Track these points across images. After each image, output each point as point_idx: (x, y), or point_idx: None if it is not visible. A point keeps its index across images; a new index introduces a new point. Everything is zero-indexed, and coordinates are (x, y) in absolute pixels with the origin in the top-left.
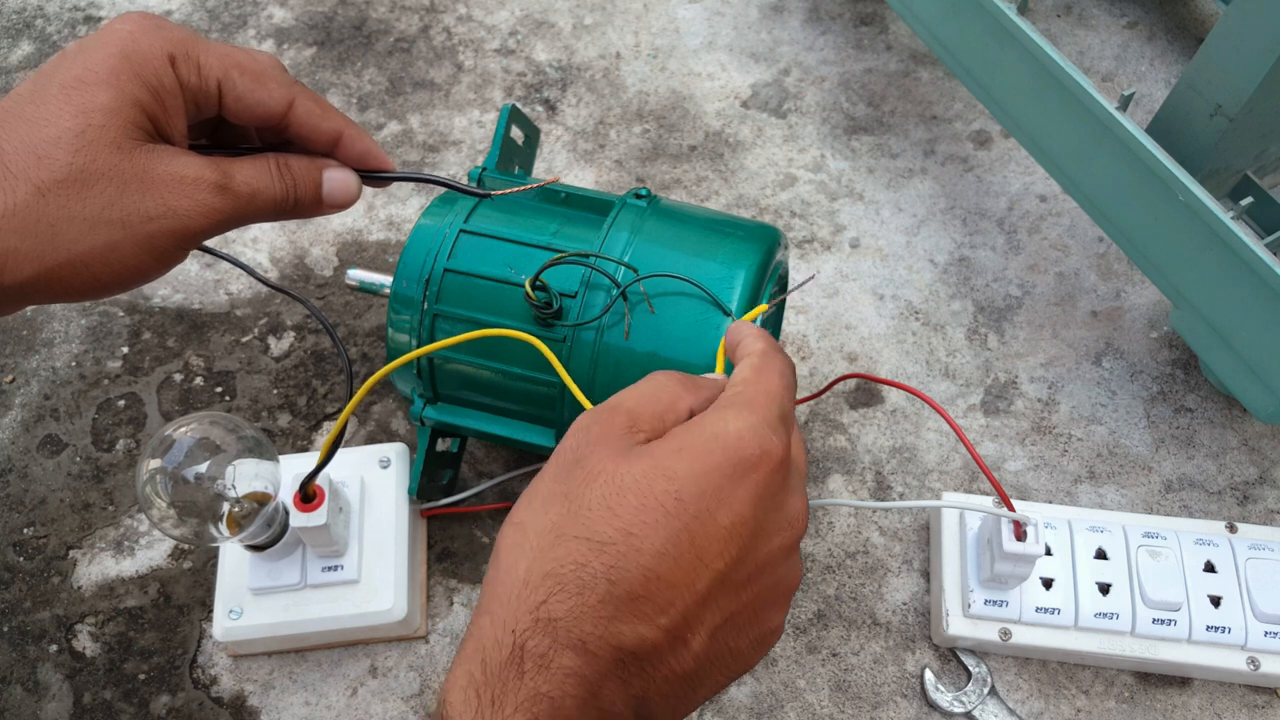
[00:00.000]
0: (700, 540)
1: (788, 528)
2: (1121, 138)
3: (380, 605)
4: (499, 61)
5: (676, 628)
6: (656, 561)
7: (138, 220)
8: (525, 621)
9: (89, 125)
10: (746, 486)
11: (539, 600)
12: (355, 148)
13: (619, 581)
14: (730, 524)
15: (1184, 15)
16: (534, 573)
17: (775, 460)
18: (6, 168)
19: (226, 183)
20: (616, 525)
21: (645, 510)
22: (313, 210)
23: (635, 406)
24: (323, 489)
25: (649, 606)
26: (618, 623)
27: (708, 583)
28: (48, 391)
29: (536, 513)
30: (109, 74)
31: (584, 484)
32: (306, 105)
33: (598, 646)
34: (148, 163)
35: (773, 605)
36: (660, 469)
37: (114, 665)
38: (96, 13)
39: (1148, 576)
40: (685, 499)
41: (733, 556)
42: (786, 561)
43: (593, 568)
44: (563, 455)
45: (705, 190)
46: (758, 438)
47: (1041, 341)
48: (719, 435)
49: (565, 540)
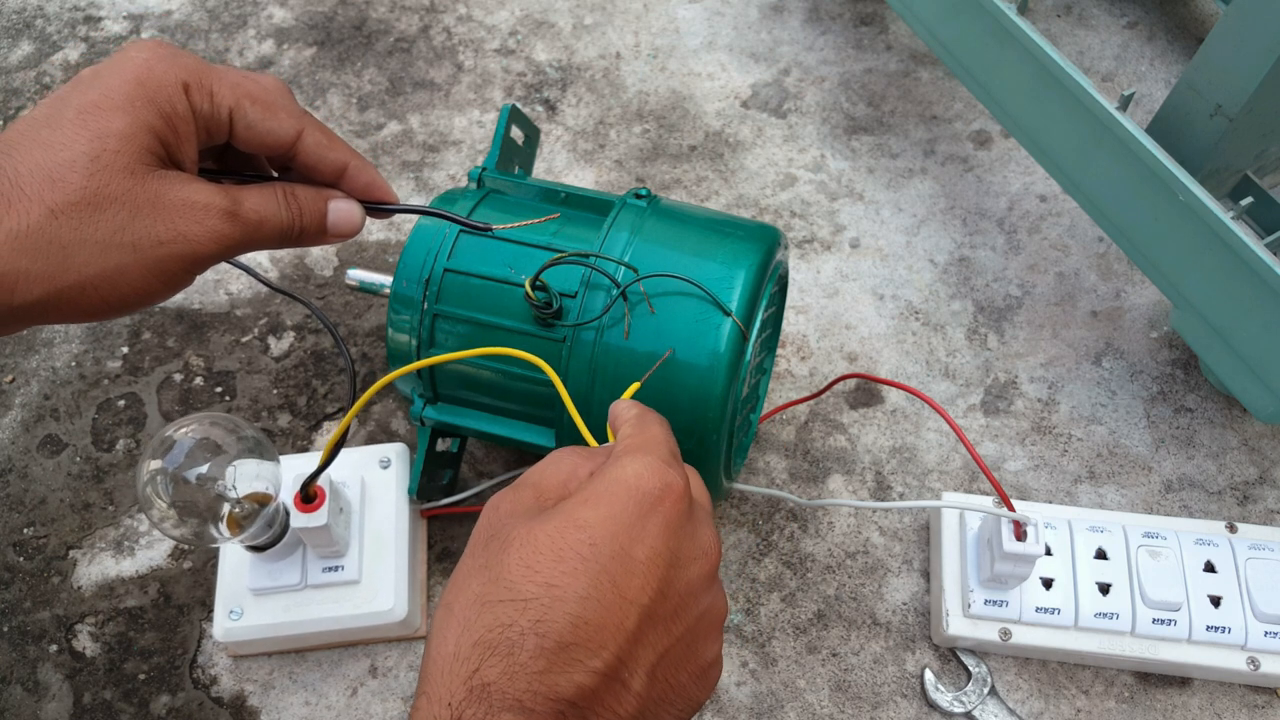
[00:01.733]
0: (620, 579)
1: (703, 556)
2: (1121, 138)
3: (381, 605)
4: (499, 61)
5: (612, 669)
6: (581, 607)
7: (148, 244)
8: (460, 693)
9: (103, 150)
10: (655, 520)
11: (471, 669)
12: (360, 179)
13: (547, 634)
14: (647, 558)
15: (1184, 15)
16: (463, 644)
17: (677, 491)
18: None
19: (235, 209)
20: (537, 581)
21: (562, 561)
22: (317, 239)
23: (539, 480)
24: (323, 489)
25: (580, 652)
26: (552, 675)
27: (635, 619)
28: (48, 391)
29: (459, 590)
30: (124, 100)
31: (500, 552)
32: (315, 136)
33: (534, 702)
34: (159, 188)
35: (705, 637)
36: (570, 521)
37: (114, 665)
38: (96, 13)
39: (1148, 576)
40: (599, 542)
41: (654, 589)
42: (709, 591)
43: (519, 625)
44: (478, 535)
45: (705, 190)
46: (655, 473)
47: (1041, 341)
48: (619, 479)
49: (490, 606)
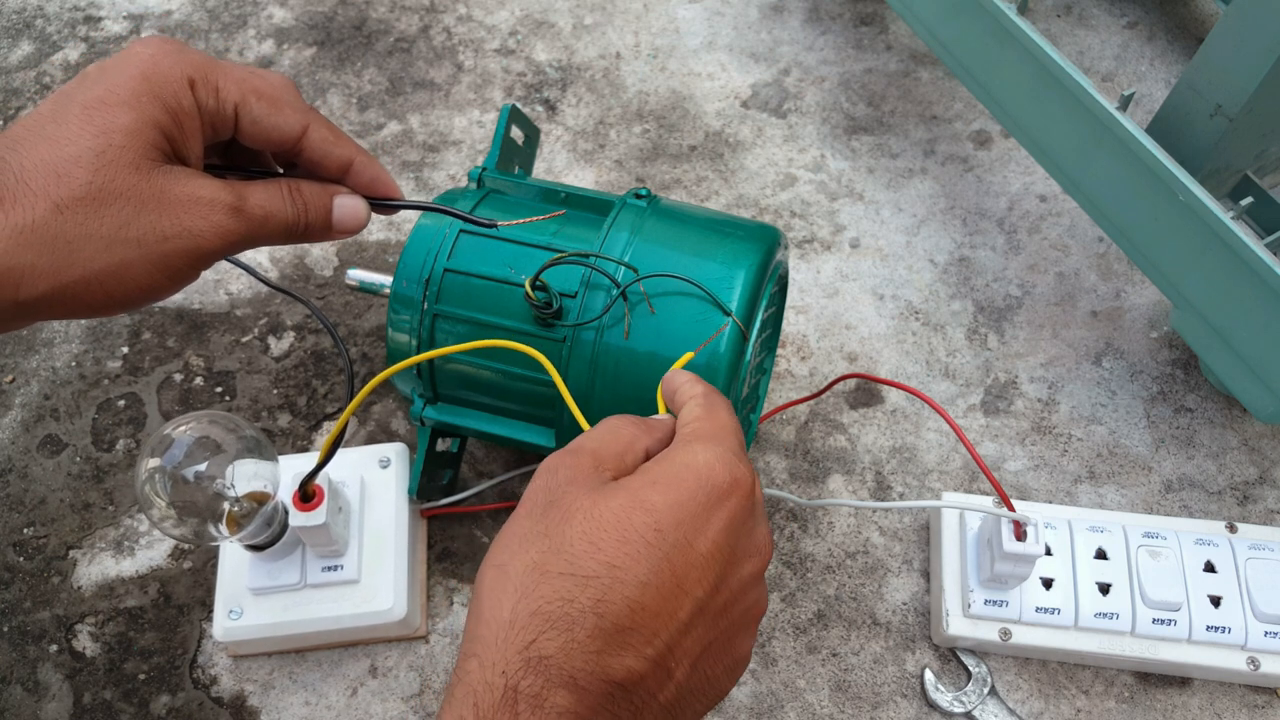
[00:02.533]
0: (680, 569)
1: (757, 554)
2: (1121, 138)
3: (380, 605)
4: (499, 61)
5: (661, 657)
6: (641, 592)
7: (153, 240)
8: (515, 662)
9: (109, 145)
10: (721, 514)
11: (528, 640)
12: (365, 175)
13: (606, 615)
14: (708, 551)
15: (1184, 15)
16: (520, 612)
17: (745, 487)
18: (26, 185)
19: (240, 205)
20: (599, 559)
21: (626, 543)
22: (322, 235)
23: (598, 448)
24: (322, 488)
25: (635, 638)
26: (606, 656)
27: (689, 611)
28: (48, 391)
29: (516, 553)
30: (130, 96)
31: (562, 521)
32: (320, 132)
33: (588, 681)
34: (165, 183)
35: (743, 631)
36: (637, 502)
37: (114, 665)
38: (96, 13)
39: (1148, 576)
40: (664, 529)
41: (710, 584)
42: (756, 588)
43: (579, 602)
44: (534, 496)
45: (705, 190)
46: (727, 467)
47: (1041, 341)
48: (690, 466)
49: (550, 577)
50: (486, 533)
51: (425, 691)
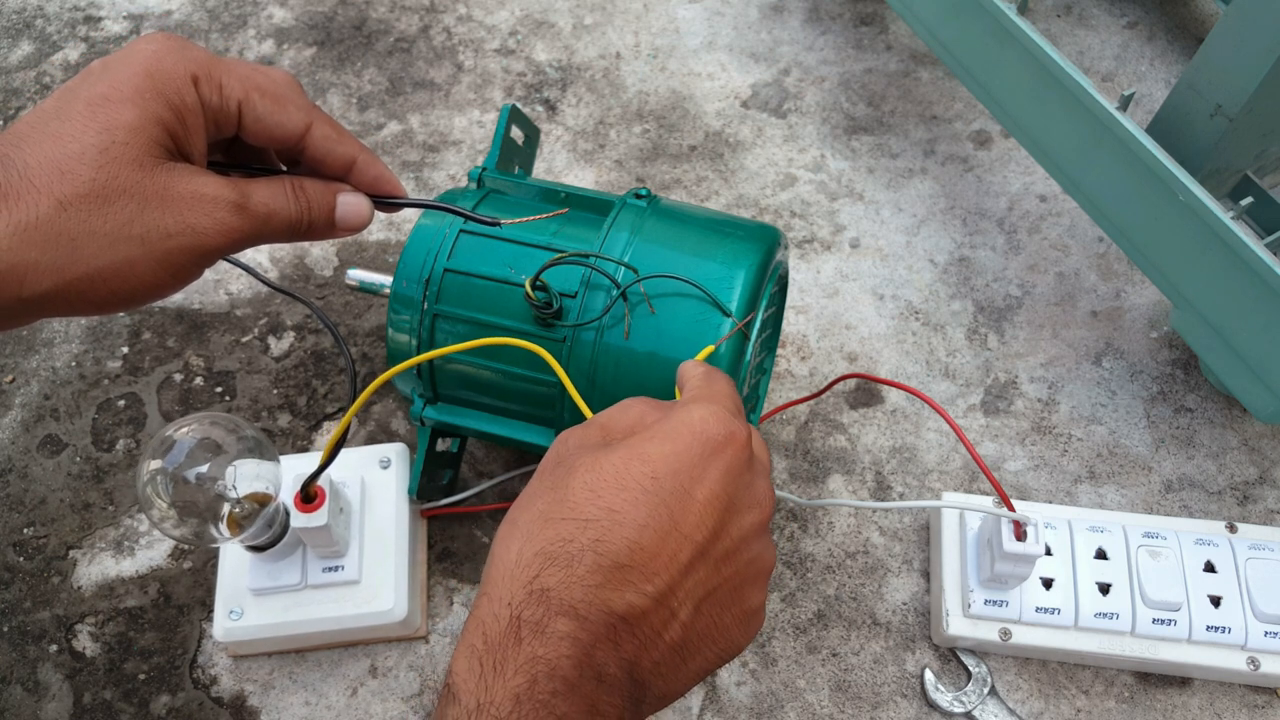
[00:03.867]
0: (678, 514)
1: (757, 506)
2: (1121, 138)
3: (381, 605)
4: (499, 61)
5: (663, 596)
6: (639, 534)
7: (157, 237)
8: (520, 595)
9: (113, 142)
10: (717, 464)
11: (532, 575)
12: (369, 173)
13: (605, 553)
14: (705, 499)
15: (1184, 15)
16: (525, 553)
17: (740, 440)
18: (30, 182)
19: (244, 202)
20: (599, 504)
21: (625, 490)
22: (325, 233)
23: (608, 421)
24: (323, 489)
25: (635, 575)
26: (607, 589)
27: (689, 554)
28: (48, 391)
29: (524, 508)
30: (133, 92)
31: (566, 476)
32: (323, 130)
33: (588, 611)
34: (168, 180)
35: (752, 583)
36: (635, 453)
37: (114, 665)
38: (96, 13)
39: (1148, 576)
40: (661, 477)
41: (709, 529)
42: (760, 540)
43: (579, 542)
44: (545, 463)
45: (705, 190)
46: (721, 421)
47: (1041, 341)
48: (686, 421)
49: (553, 522)
50: (486, 533)
51: (425, 691)
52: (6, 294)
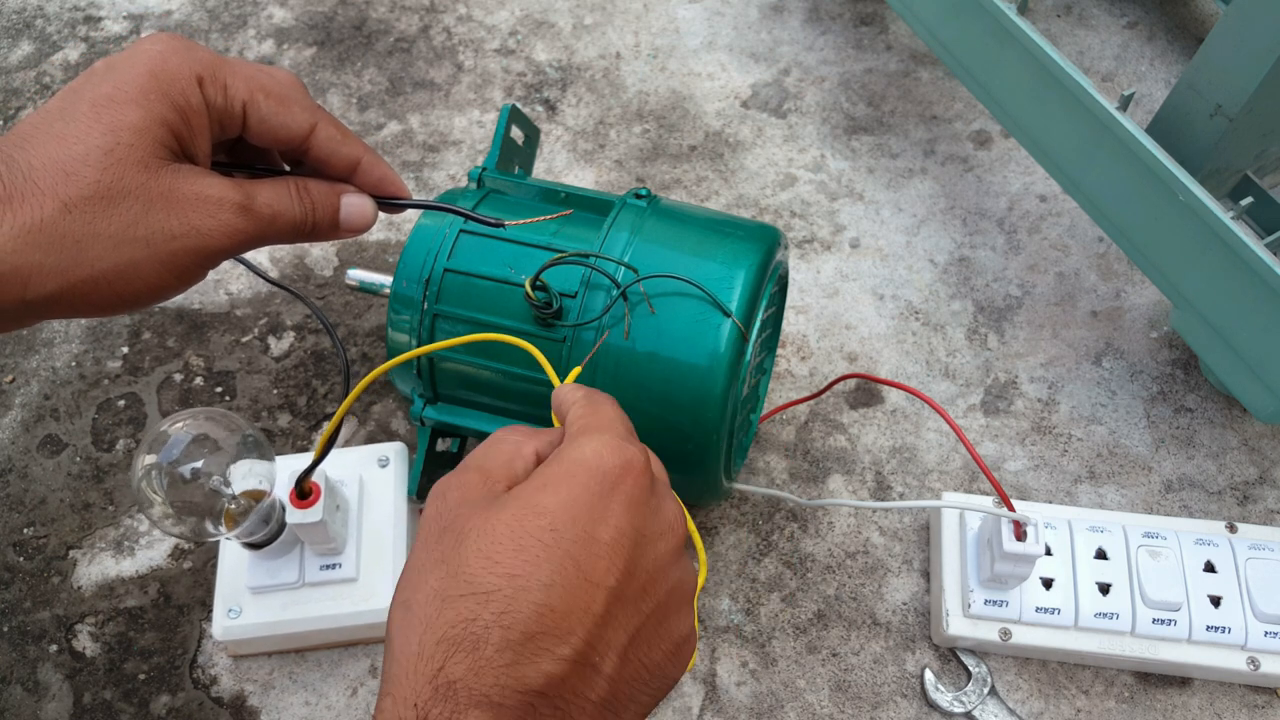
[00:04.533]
0: (585, 562)
1: (669, 532)
2: (1121, 138)
3: (379, 604)
4: (499, 61)
5: (581, 654)
6: (546, 594)
7: (161, 238)
8: (425, 693)
9: (118, 143)
10: (618, 499)
11: (436, 667)
12: (373, 174)
13: (512, 625)
14: (611, 539)
15: (1184, 15)
16: (426, 642)
17: (638, 468)
18: (34, 183)
19: (249, 203)
20: (498, 572)
21: (523, 550)
22: (329, 234)
23: (483, 463)
24: (318, 485)
25: (548, 640)
26: (519, 666)
27: (603, 602)
28: (48, 391)
29: (416, 587)
30: (138, 93)
31: (456, 544)
32: (328, 131)
33: (503, 696)
34: (173, 182)
35: (676, 612)
36: (529, 507)
37: (114, 665)
38: (96, 13)
39: (1148, 576)
40: (560, 527)
41: (621, 570)
42: (677, 565)
43: (483, 619)
44: (429, 525)
45: (705, 190)
46: (614, 451)
47: (1041, 341)
48: (577, 460)
49: (450, 601)
50: None
51: None
52: (10, 296)
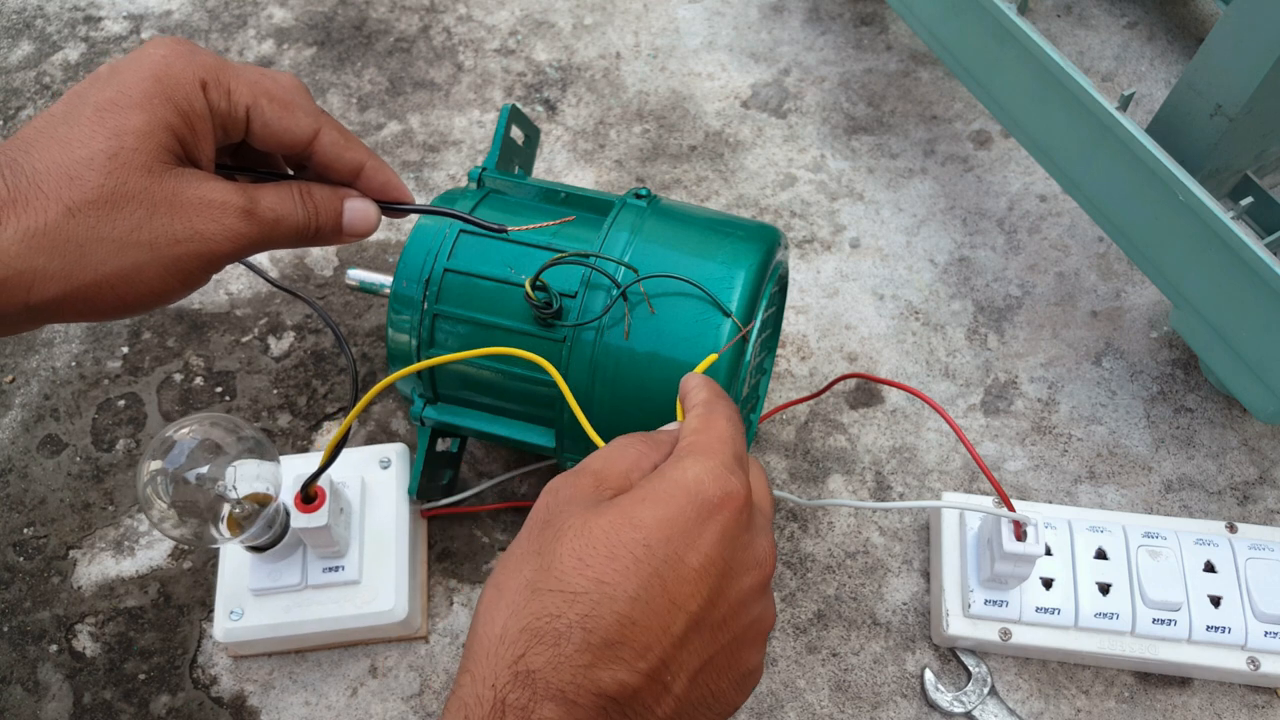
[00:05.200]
0: (671, 584)
1: (757, 567)
2: (1121, 138)
3: (381, 606)
4: (499, 61)
5: (656, 671)
6: (630, 607)
7: (165, 243)
8: (504, 676)
9: (121, 148)
10: (712, 528)
11: (517, 654)
12: (376, 179)
13: (594, 630)
14: (699, 566)
15: (1184, 15)
16: (510, 628)
17: (739, 501)
18: (38, 187)
19: (252, 208)
20: (588, 575)
21: (615, 559)
22: (333, 238)
23: (601, 467)
24: (324, 490)
25: (626, 652)
26: (596, 669)
27: (683, 625)
28: (48, 391)
29: (511, 573)
30: (142, 97)
31: (554, 540)
32: (331, 135)
33: (577, 695)
34: (177, 186)
35: (750, 645)
36: (627, 518)
37: (114, 665)
38: (96, 13)
39: (1148, 576)
40: (653, 544)
41: (704, 598)
42: (760, 601)
43: (567, 618)
44: (534, 517)
45: (705, 190)
46: (717, 481)
47: (1041, 341)
48: (679, 482)
49: (539, 594)
50: (486, 533)
51: (425, 691)
52: (14, 300)
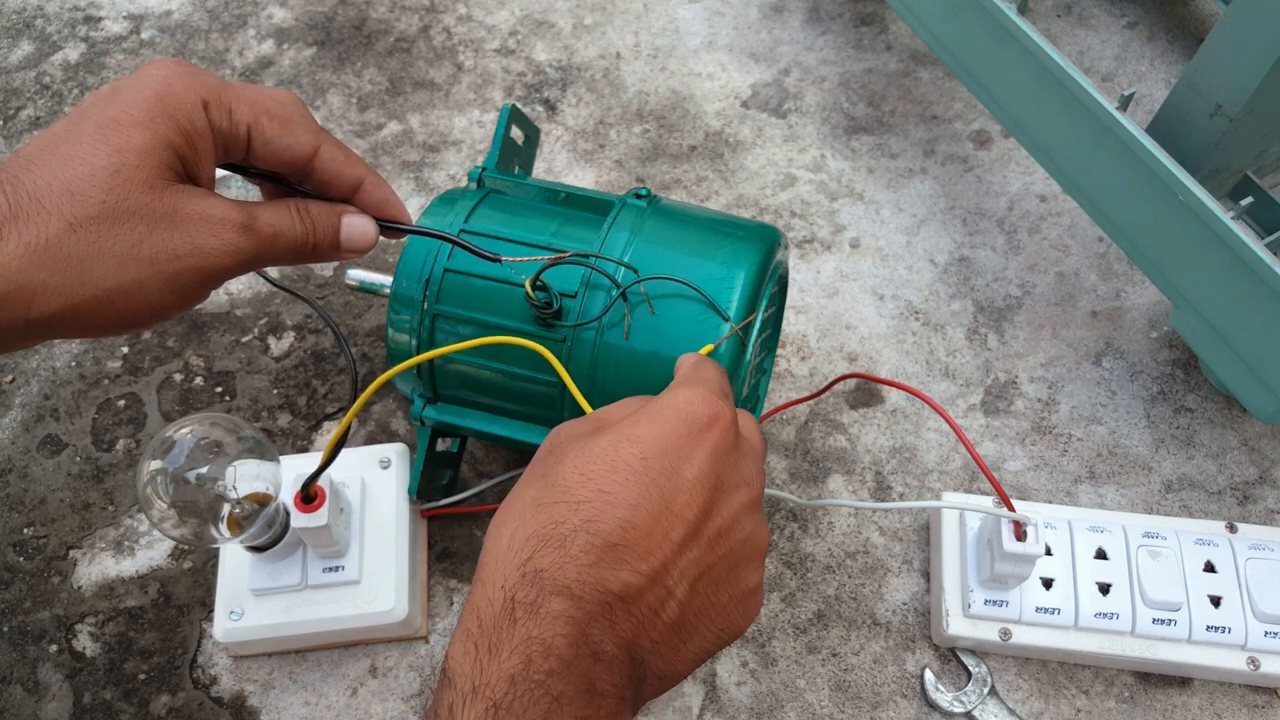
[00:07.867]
0: (668, 493)
1: (745, 485)
2: (1121, 138)
3: (381, 606)
4: (499, 61)
5: (658, 574)
6: (630, 513)
7: (165, 258)
8: (513, 577)
9: (123, 165)
10: (704, 444)
11: (525, 557)
12: (374, 195)
13: (598, 533)
14: (694, 477)
15: (1184, 15)
16: (518, 536)
17: (726, 421)
18: (40, 203)
19: (251, 224)
20: (590, 487)
21: (615, 471)
22: (331, 254)
23: (604, 413)
24: (324, 490)
25: (629, 554)
26: (601, 568)
27: (682, 532)
28: (48, 391)
29: (516, 496)
30: (144, 116)
31: (557, 463)
32: (331, 152)
33: (582, 590)
34: (177, 202)
35: (747, 563)
36: (624, 436)
37: (114, 665)
38: (96, 13)
39: (1148, 576)
40: (649, 458)
41: (699, 508)
42: (751, 518)
43: (571, 523)
44: (539, 454)
45: (705, 190)
46: (706, 402)
47: (1041, 341)
48: (671, 404)
49: (544, 506)
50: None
51: (425, 691)
52: (14, 315)
